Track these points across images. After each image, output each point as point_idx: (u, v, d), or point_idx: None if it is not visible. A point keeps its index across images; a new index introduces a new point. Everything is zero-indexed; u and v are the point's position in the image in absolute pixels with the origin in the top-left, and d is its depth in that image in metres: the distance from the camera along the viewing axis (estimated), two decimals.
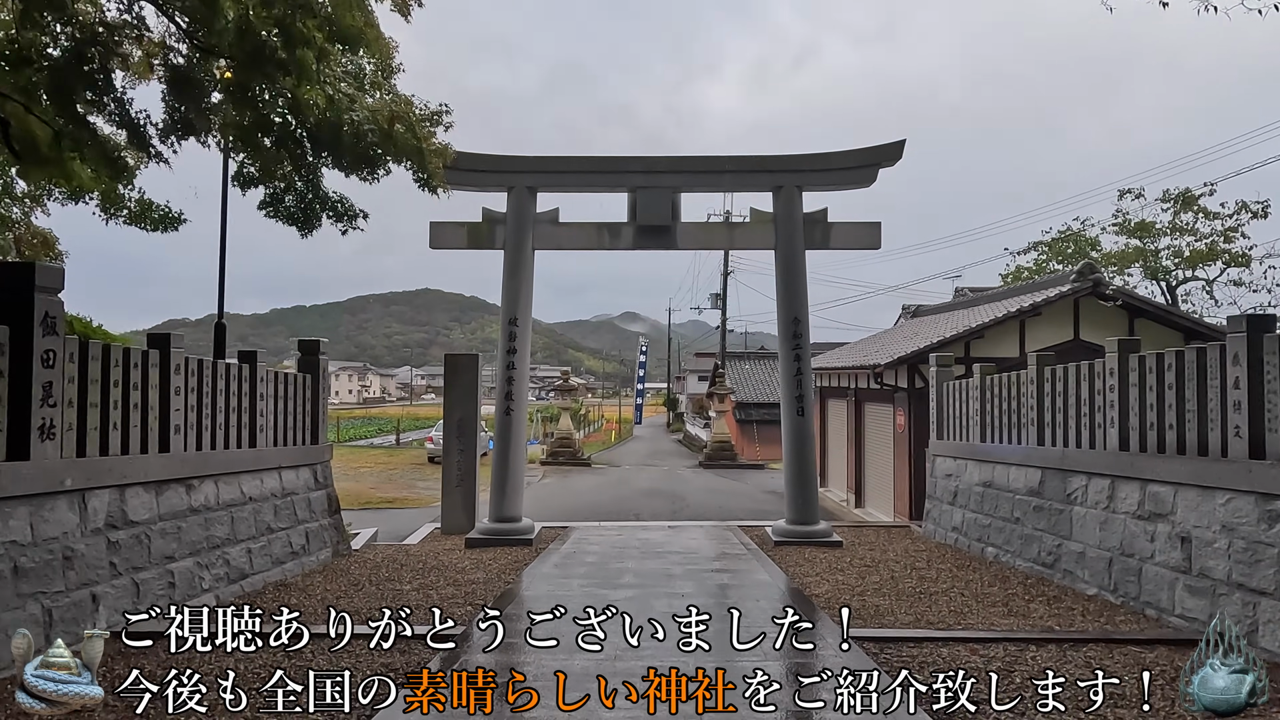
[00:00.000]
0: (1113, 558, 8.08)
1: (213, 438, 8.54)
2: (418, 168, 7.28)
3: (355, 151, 6.75)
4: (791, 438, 12.54)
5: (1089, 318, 16.74)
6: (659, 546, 11.65)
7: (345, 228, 8.09)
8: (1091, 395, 8.83)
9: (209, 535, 8.18)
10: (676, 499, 22.04)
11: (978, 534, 11.23)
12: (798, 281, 12.63)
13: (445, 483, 13.95)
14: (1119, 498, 8.13)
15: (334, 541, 11.02)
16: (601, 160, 12.93)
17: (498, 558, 10.91)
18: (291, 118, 6.64)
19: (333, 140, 6.67)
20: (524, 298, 12.72)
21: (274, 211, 7.90)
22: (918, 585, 8.96)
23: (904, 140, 12.53)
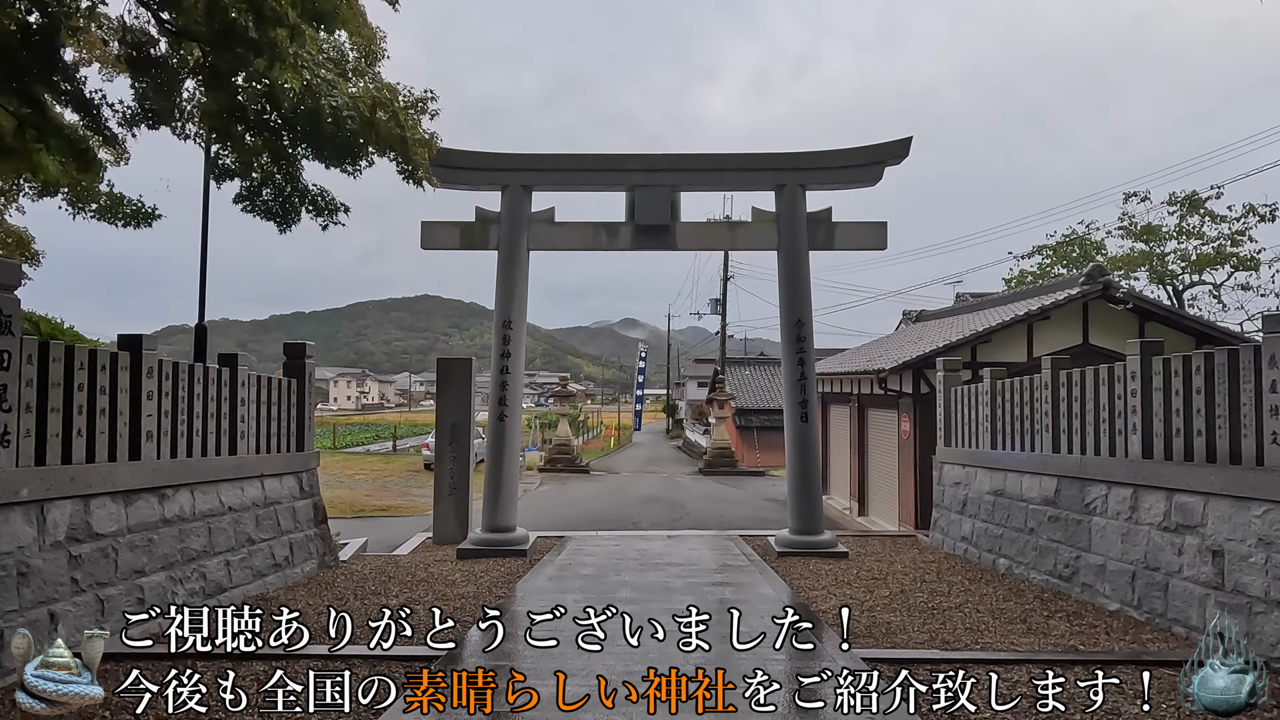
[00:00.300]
0: (1136, 571, 7.67)
1: (189, 444, 8.13)
2: (401, 159, 6.87)
3: (335, 141, 6.35)
4: (795, 445, 12.13)
5: (1098, 321, 16.34)
6: (658, 557, 11.23)
7: (325, 222, 7.68)
8: (1111, 400, 8.42)
9: (184, 547, 7.76)
10: (676, 507, 21.62)
11: (989, 545, 10.81)
12: (801, 283, 12.23)
13: (437, 491, 13.52)
14: (1143, 508, 7.72)
15: (320, 552, 10.60)
16: (599, 158, 12.53)
17: (490, 569, 10.48)
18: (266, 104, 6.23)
19: (311, 128, 6.27)
20: (518, 300, 12.31)
21: (251, 205, 7.49)
22: (929, 599, 8.54)
23: (910, 137, 12.15)
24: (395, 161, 6.96)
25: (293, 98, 5.95)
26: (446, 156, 12.21)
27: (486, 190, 12.53)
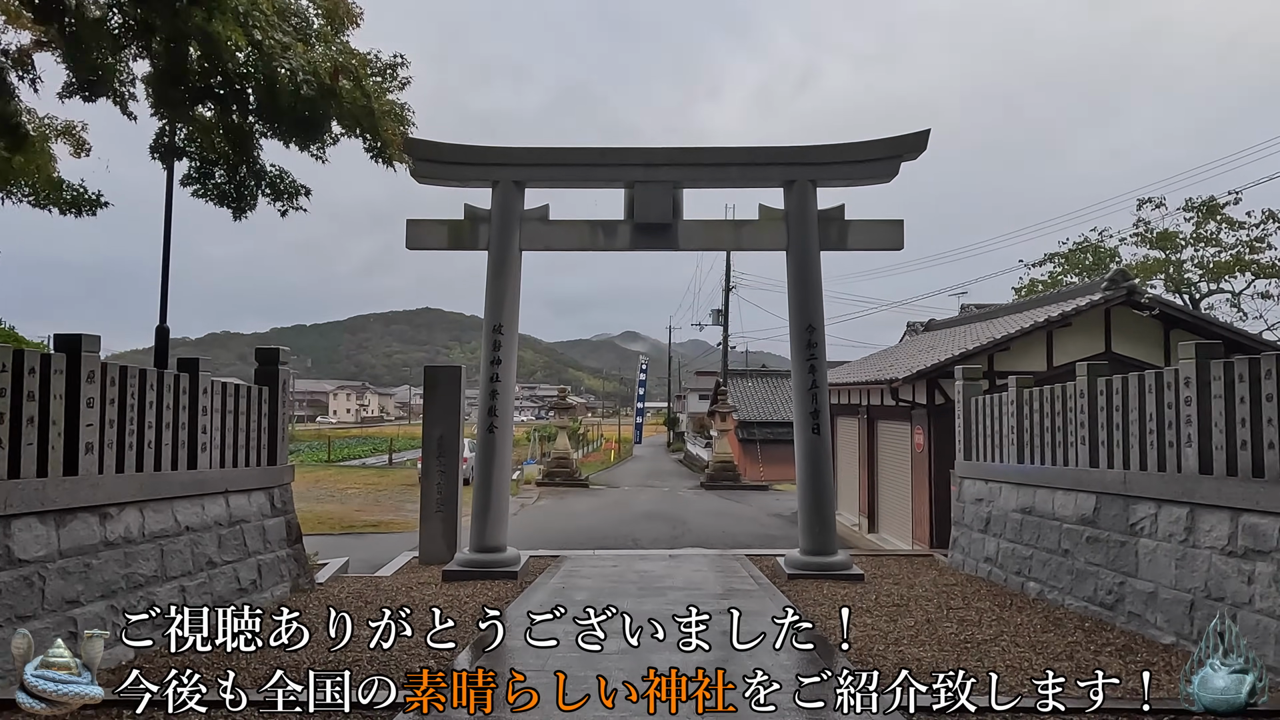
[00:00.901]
0: (1195, 601, 6.84)
1: (139, 457, 7.33)
2: (369, 134, 6.10)
3: (293, 113, 5.58)
4: (806, 458, 11.30)
5: (1121, 328, 15.58)
6: (659, 580, 10.41)
7: (285, 207, 6.90)
8: (1160, 409, 7.61)
9: (129, 573, 6.95)
10: (677, 523, 20.79)
11: (1016, 566, 9.99)
12: (812, 286, 11.43)
13: (424, 507, 12.70)
14: (1201, 529, 6.90)
15: (293, 575, 9.78)
16: (596, 152, 11.75)
17: (476, 594, 9.66)
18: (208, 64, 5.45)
19: (266, 99, 5.50)
20: (509, 302, 11.52)
21: (203, 189, 6.71)
22: (959, 630, 7.71)
23: (928, 130, 11.38)
24: (363, 139, 6.20)
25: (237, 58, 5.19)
26: (435, 150, 11.48)
27: (476, 186, 11.77)
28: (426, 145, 11.30)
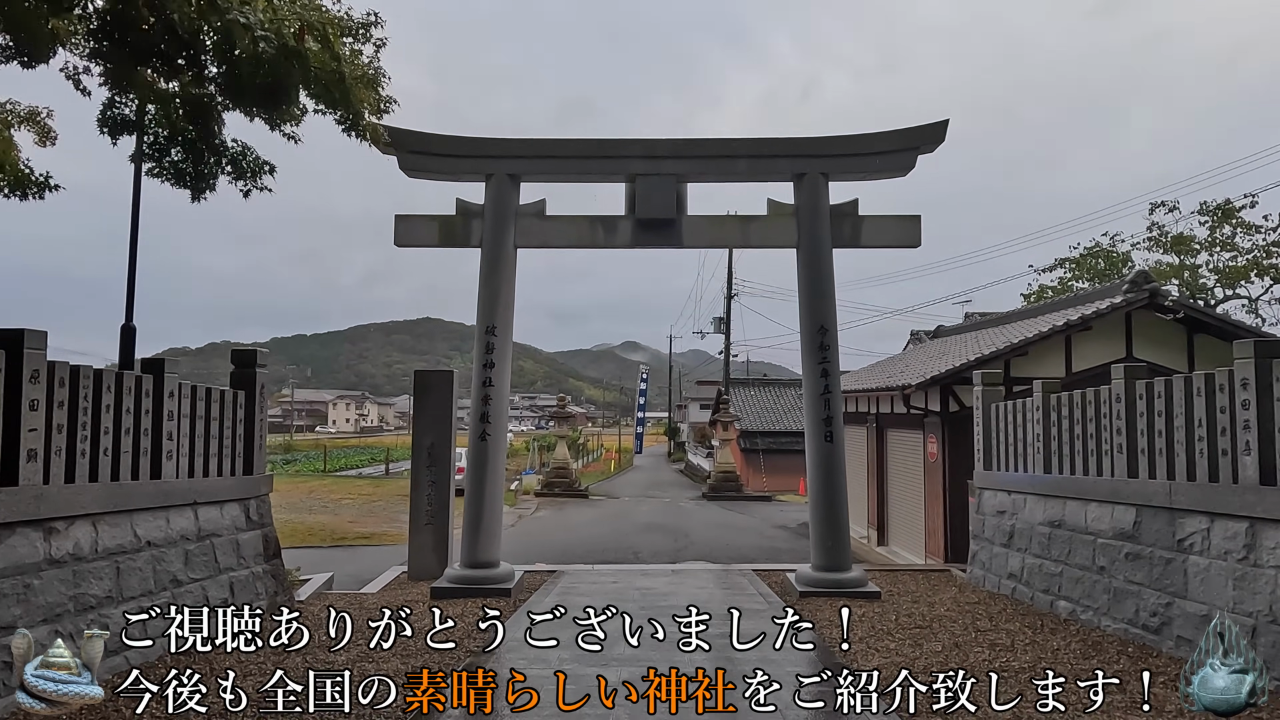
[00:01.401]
0: (1258, 626, 6.18)
1: (93, 466, 6.68)
2: (341, 104, 5.47)
3: (253, 78, 4.96)
4: (819, 468, 10.64)
5: (1142, 333, 14.94)
6: (662, 598, 9.74)
7: (247, 186, 6.27)
8: (1212, 414, 6.96)
9: (78, 594, 6.29)
10: (680, 535, 20.11)
11: (1044, 584, 9.32)
12: (824, 285, 10.79)
13: (414, 520, 12.03)
14: (1264, 546, 6.24)
15: (270, 592, 9.11)
16: (595, 143, 11.12)
17: (465, 614, 8.98)
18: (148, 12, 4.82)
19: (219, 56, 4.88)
20: (504, 302, 10.87)
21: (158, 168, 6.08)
22: (993, 656, 7.05)
23: (946, 120, 10.76)
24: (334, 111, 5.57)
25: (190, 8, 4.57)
26: (424, 142, 10.88)
27: (469, 180, 11.15)
28: (416, 136, 10.70)
